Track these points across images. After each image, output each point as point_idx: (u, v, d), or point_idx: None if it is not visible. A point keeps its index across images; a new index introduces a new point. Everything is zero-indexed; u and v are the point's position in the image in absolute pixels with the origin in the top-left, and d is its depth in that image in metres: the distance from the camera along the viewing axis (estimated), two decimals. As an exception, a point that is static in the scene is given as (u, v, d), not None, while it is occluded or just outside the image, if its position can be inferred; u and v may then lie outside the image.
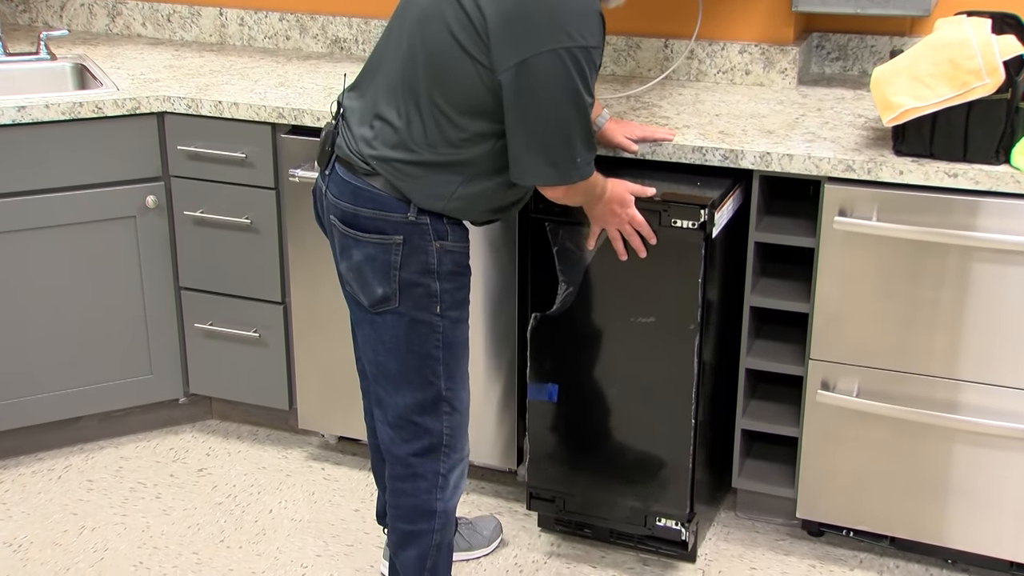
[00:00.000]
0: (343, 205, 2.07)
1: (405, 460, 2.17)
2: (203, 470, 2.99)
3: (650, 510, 2.51)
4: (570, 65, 1.90)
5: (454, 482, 2.21)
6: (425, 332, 2.09)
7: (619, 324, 2.42)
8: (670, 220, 2.29)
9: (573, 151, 1.99)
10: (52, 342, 2.93)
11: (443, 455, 2.17)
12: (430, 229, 2.05)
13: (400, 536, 2.22)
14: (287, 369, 2.99)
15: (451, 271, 2.09)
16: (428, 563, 2.22)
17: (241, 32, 3.43)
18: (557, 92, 1.92)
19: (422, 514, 2.19)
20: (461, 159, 2.02)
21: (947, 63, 2.19)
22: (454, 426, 2.17)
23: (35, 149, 2.78)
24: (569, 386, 2.51)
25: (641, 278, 2.37)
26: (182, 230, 2.95)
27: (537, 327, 2.48)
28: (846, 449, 2.50)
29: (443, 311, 2.09)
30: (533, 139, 1.95)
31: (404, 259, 2.04)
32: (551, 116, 1.93)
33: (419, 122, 2.00)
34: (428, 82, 1.98)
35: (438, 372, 2.11)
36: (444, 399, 2.14)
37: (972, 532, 2.45)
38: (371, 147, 2.04)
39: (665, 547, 2.58)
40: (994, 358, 2.33)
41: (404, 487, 2.19)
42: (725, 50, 2.93)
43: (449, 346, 2.12)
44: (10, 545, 2.69)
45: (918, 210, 2.30)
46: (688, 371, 2.39)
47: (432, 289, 2.07)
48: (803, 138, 2.45)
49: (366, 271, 2.06)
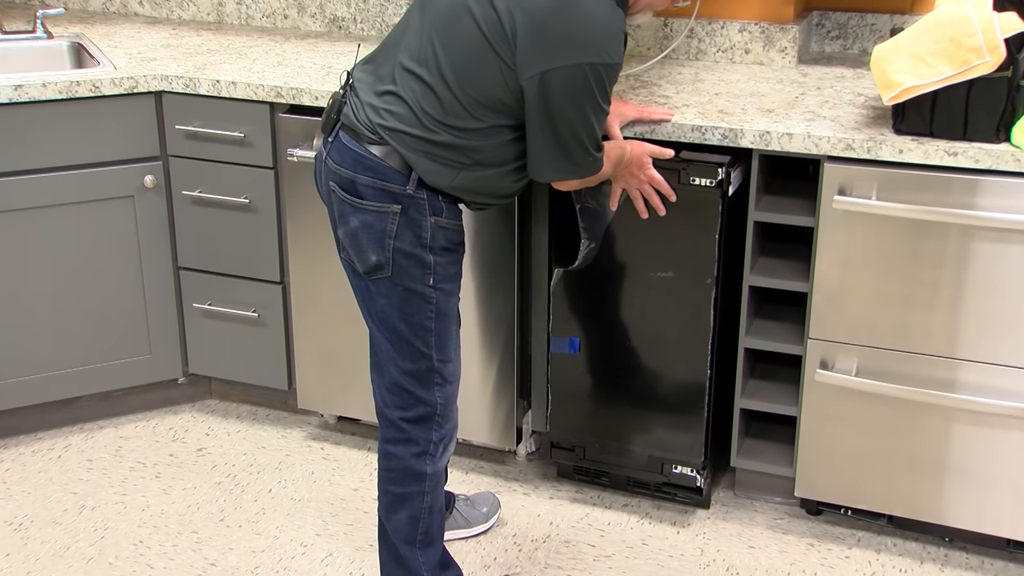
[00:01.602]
0: (343, 171, 2.09)
1: (398, 424, 2.20)
2: (203, 450, 3.00)
3: (667, 458, 2.61)
4: (592, 80, 1.97)
5: (444, 446, 2.25)
6: (418, 302, 2.12)
7: (639, 279, 2.52)
8: (689, 179, 2.39)
9: (587, 152, 2.08)
10: (51, 322, 2.93)
11: (436, 424, 2.21)
12: (426, 204, 2.08)
13: (391, 499, 2.24)
14: (286, 349, 2.99)
15: (443, 247, 2.12)
16: (421, 526, 2.25)
17: (239, 11, 3.42)
18: (578, 103, 1.99)
19: (412, 477, 2.22)
20: (472, 145, 2.05)
21: (948, 41, 2.18)
22: (447, 397, 2.21)
23: (32, 128, 2.77)
24: (590, 339, 2.61)
25: (660, 234, 2.46)
26: (180, 210, 2.95)
27: (559, 282, 2.57)
28: (845, 428, 2.50)
29: (436, 283, 2.12)
30: (552, 142, 2.03)
31: (400, 229, 2.07)
32: (570, 123, 2.01)
33: (437, 105, 2.02)
34: (452, 71, 2.00)
35: (430, 343, 2.15)
36: (436, 370, 2.17)
37: (970, 510, 2.46)
38: (381, 117, 2.06)
39: (681, 494, 2.67)
40: (993, 337, 2.34)
41: (395, 450, 2.22)
42: (725, 29, 2.92)
43: (441, 317, 2.15)
44: (10, 524, 2.70)
45: (918, 189, 2.29)
46: (705, 323, 2.49)
47: (426, 261, 2.10)
48: (803, 117, 2.45)
49: (362, 238, 2.09)
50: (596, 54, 1.96)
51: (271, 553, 2.60)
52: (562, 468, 2.81)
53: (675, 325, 2.52)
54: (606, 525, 2.67)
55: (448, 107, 2.01)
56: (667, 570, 2.53)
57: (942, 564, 2.54)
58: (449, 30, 2.00)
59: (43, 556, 2.59)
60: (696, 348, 2.52)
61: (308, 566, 2.56)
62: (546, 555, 2.58)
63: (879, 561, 2.55)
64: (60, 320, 2.94)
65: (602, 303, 2.58)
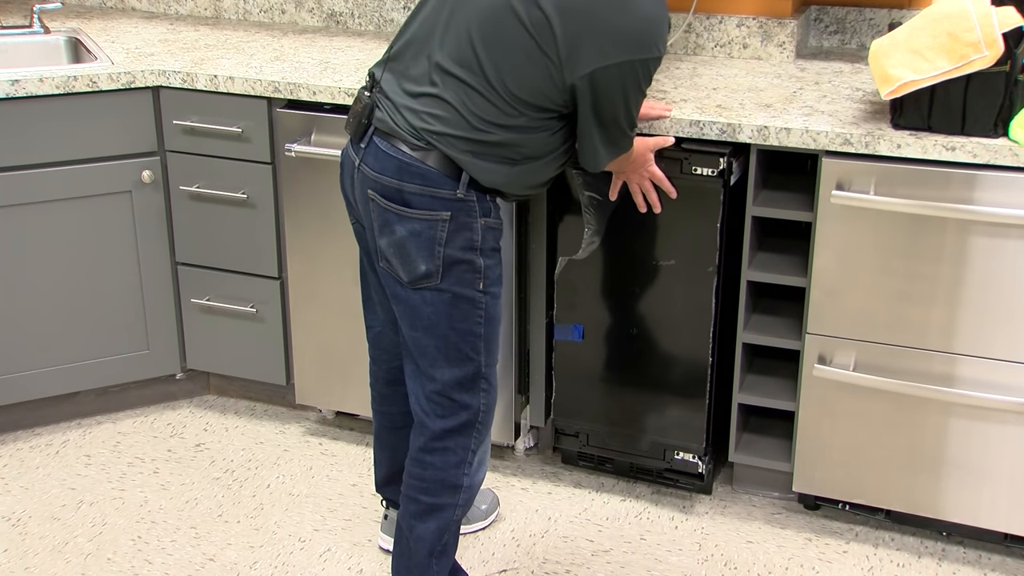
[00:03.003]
0: (385, 179, 2.04)
1: (439, 434, 2.15)
2: (201, 445, 3.00)
3: (668, 444, 2.63)
4: (640, 74, 2.01)
5: (480, 458, 2.20)
6: (468, 308, 2.08)
7: (642, 267, 2.55)
8: (691, 168, 2.42)
9: (627, 135, 2.13)
10: (49, 317, 2.93)
11: (476, 432, 2.17)
12: (476, 206, 2.05)
13: (421, 508, 2.19)
14: (284, 344, 2.99)
15: (492, 247, 2.10)
16: (444, 538, 2.21)
17: (236, 6, 3.41)
18: (626, 95, 2.02)
19: (448, 488, 2.18)
20: (521, 140, 2.04)
21: (946, 35, 2.18)
22: (490, 403, 2.18)
23: (29, 123, 2.77)
24: (593, 326, 2.63)
25: (663, 223, 2.50)
26: (178, 205, 2.95)
27: (563, 271, 2.60)
28: (842, 423, 2.51)
29: (486, 287, 2.10)
30: (602, 133, 2.06)
31: (450, 235, 2.03)
32: (616, 114, 2.04)
33: (485, 105, 1.99)
34: (496, 71, 1.97)
35: (479, 348, 2.11)
36: (483, 375, 2.14)
37: (967, 505, 2.47)
38: (424, 121, 2.01)
39: (683, 480, 2.70)
40: (990, 332, 2.34)
41: (433, 460, 2.17)
42: (723, 23, 2.92)
43: (490, 321, 2.12)
44: (8, 519, 2.70)
45: (916, 184, 2.29)
46: (707, 310, 2.52)
47: (477, 265, 2.07)
48: (801, 112, 2.45)
49: (410, 247, 2.04)
50: (647, 49, 1.97)
51: (269, 548, 2.60)
52: (566, 455, 2.83)
53: (678, 312, 2.55)
54: (604, 520, 2.68)
55: (497, 106, 1.99)
56: (665, 564, 2.53)
57: (939, 558, 2.54)
58: (492, 30, 1.95)
59: (41, 551, 2.59)
60: (698, 335, 2.54)
61: (306, 561, 2.56)
62: (544, 550, 2.58)
63: (877, 556, 2.55)
64: (58, 316, 2.94)
65: (606, 291, 2.60)
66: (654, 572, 2.51)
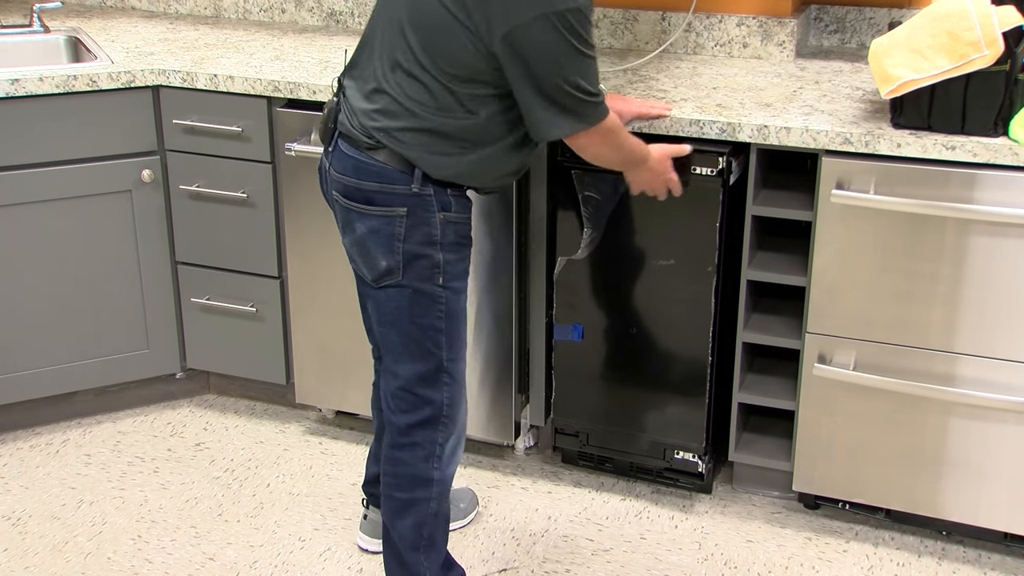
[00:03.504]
0: (345, 180, 2.09)
1: (404, 430, 2.19)
2: (201, 444, 3.00)
3: (668, 443, 2.64)
4: (561, 28, 1.91)
5: (450, 451, 2.22)
6: (427, 303, 2.10)
7: (641, 267, 2.55)
8: (690, 167, 2.40)
9: (582, 100, 1.99)
10: (48, 317, 2.93)
11: (442, 426, 2.19)
12: (434, 200, 2.06)
13: (397, 505, 2.23)
14: (284, 343, 2.99)
15: (454, 242, 2.11)
16: (425, 531, 2.23)
17: (236, 5, 3.41)
18: (553, 54, 1.92)
19: (419, 483, 2.20)
20: (466, 124, 2.02)
21: (946, 35, 2.18)
22: (454, 396, 2.19)
23: (29, 123, 2.77)
24: (593, 326, 2.63)
25: (662, 223, 2.50)
26: (178, 204, 2.95)
27: (563, 270, 2.60)
28: (842, 422, 2.51)
29: (446, 282, 2.11)
30: (541, 99, 1.97)
31: (408, 231, 2.06)
32: (552, 76, 1.94)
33: (421, 91, 2.00)
34: (426, 54, 1.98)
35: (440, 343, 2.13)
36: (445, 370, 2.16)
37: (967, 504, 2.47)
38: (373, 119, 2.05)
39: (683, 479, 2.71)
40: (990, 331, 2.34)
41: (401, 456, 2.20)
42: (723, 23, 2.92)
43: (451, 316, 2.13)
44: (8, 519, 2.70)
45: (916, 183, 2.29)
46: (706, 310, 2.52)
47: (436, 260, 2.09)
48: (801, 111, 2.45)
49: (369, 244, 2.08)
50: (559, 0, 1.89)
51: (269, 547, 2.60)
52: (566, 454, 2.83)
53: (677, 312, 2.55)
54: (604, 519, 2.68)
55: (432, 90, 1.99)
56: (665, 564, 2.53)
57: (939, 557, 2.54)
58: (416, 14, 1.98)
59: (41, 551, 2.59)
60: (698, 335, 2.54)
61: (306, 560, 2.56)
62: (544, 549, 2.58)
63: (877, 555, 2.55)
64: (57, 315, 2.94)
65: (605, 291, 2.61)
66: (654, 571, 2.51)
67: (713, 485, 2.76)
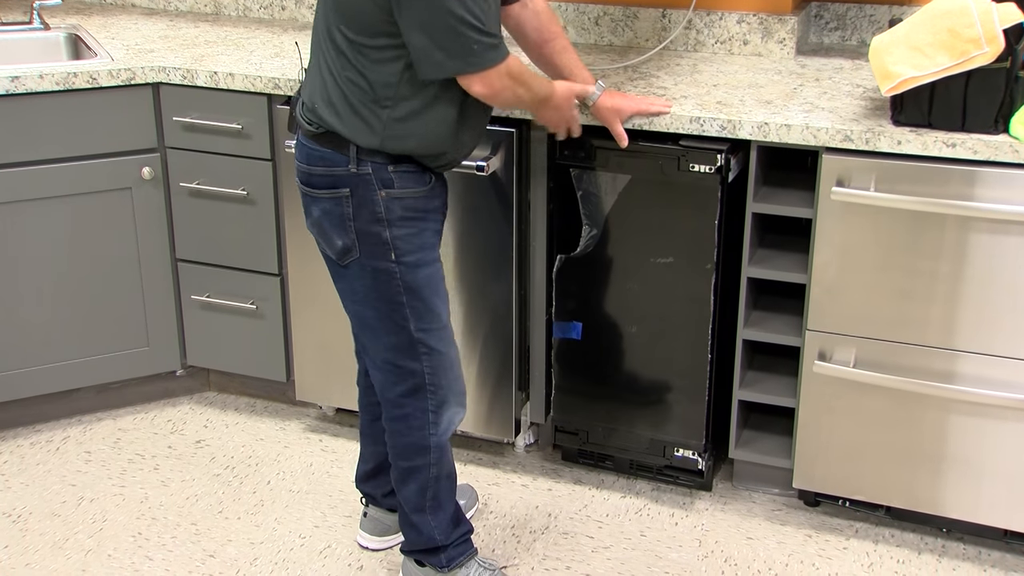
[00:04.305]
0: (300, 166, 2.19)
1: (396, 401, 2.26)
2: (201, 442, 3.00)
3: (668, 440, 2.64)
4: None
5: (447, 418, 2.28)
6: (385, 279, 2.16)
7: (640, 265, 2.55)
8: (688, 165, 2.42)
9: (467, 40, 2.00)
10: (49, 314, 2.93)
11: (428, 393, 2.24)
12: (373, 179, 2.12)
13: (400, 472, 2.31)
14: (284, 341, 2.99)
15: (402, 217, 2.14)
16: (428, 494, 2.31)
17: (236, 2, 3.41)
18: None
19: (417, 450, 2.28)
20: (378, 82, 2.06)
21: (946, 32, 2.18)
22: (435, 366, 2.23)
23: (29, 120, 2.77)
24: (592, 324, 2.63)
25: (661, 221, 2.49)
26: (178, 201, 2.95)
27: (562, 268, 2.61)
28: (843, 419, 2.51)
29: (398, 257, 2.15)
30: (425, 37, 1.98)
31: (355, 210, 2.13)
32: (435, 15, 1.96)
33: (335, 55, 2.08)
34: (335, 19, 2.06)
35: (405, 315, 2.18)
36: (417, 340, 2.20)
37: (967, 501, 2.47)
38: (309, 102, 2.15)
39: (683, 477, 2.71)
40: (990, 328, 2.34)
41: (398, 427, 2.28)
42: (723, 20, 2.92)
43: (411, 290, 2.17)
44: (9, 516, 2.70)
45: (916, 180, 2.29)
46: (705, 307, 2.52)
47: (384, 237, 2.14)
48: (801, 108, 2.45)
49: (325, 225, 2.16)
50: None
51: (270, 545, 2.60)
52: (567, 452, 2.83)
53: (676, 309, 2.55)
54: (604, 516, 2.68)
55: (344, 51, 2.06)
56: (665, 561, 2.53)
57: (939, 555, 2.54)
58: None
59: (42, 548, 2.59)
60: (697, 332, 2.55)
61: (307, 558, 2.56)
62: (544, 546, 2.58)
63: (877, 552, 2.56)
64: (58, 312, 2.94)
65: (604, 289, 2.61)
66: (654, 568, 2.51)
67: (713, 482, 2.76)
